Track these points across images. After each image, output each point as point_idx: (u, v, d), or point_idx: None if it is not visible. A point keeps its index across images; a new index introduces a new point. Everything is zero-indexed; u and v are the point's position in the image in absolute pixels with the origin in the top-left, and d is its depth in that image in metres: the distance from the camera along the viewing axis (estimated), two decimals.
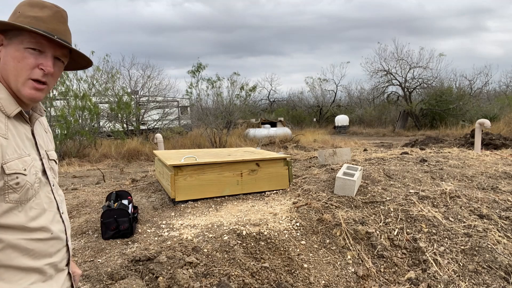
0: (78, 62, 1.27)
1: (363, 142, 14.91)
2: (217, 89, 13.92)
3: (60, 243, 1.18)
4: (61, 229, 1.19)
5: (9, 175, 1.01)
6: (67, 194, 4.82)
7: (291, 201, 3.68)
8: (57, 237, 1.16)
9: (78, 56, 1.22)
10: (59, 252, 1.17)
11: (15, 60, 1.08)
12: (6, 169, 1.01)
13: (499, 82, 35.40)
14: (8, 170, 1.01)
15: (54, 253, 1.15)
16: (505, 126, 14.99)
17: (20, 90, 1.10)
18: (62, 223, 1.20)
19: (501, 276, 2.63)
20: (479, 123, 7.17)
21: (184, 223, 3.26)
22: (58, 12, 1.16)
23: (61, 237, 1.18)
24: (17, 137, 1.08)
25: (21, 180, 1.04)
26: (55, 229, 1.15)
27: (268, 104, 34.94)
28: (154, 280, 2.35)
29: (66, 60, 1.20)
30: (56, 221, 1.17)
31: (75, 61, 1.26)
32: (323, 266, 2.75)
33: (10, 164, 1.02)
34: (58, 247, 1.17)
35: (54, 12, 1.14)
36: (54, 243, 1.15)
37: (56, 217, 1.17)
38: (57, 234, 1.16)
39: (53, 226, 1.15)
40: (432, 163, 4.96)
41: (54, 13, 1.14)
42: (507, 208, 3.48)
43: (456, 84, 25.95)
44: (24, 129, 1.12)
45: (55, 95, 11.55)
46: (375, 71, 25.68)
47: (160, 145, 7.46)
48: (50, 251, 1.13)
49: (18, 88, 1.10)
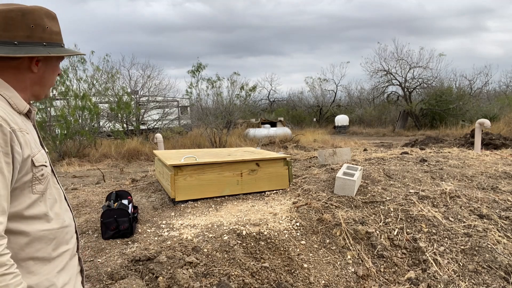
0: None
1: (363, 142, 14.91)
2: (217, 89, 13.92)
3: (72, 230, 1.25)
4: (71, 217, 1.26)
5: (37, 167, 1.08)
6: (67, 194, 4.81)
7: (291, 201, 3.68)
8: (69, 225, 1.22)
9: None
10: (72, 238, 1.24)
11: (55, 72, 1.21)
12: (35, 162, 1.07)
13: (499, 82, 35.40)
14: (37, 163, 1.08)
15: (69, 240, 1.21)
16: (505, 126, 14.99)
17: (47, 93, 1.22)
18: (70, 211, 1.27)
19: (501, 276, 2.63)
20: (479, 123, 7.17)
21: (184, 223, 3.26)
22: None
23: (72, 224, 1.25)
24: (31, 132, 1.14)
25: (45, 171, 1.11)
26: (67, 217, 1.22)
27: (268, 104, 34.93)
28: (154, 280, 2.35)
29: None
30: (65, 209, 1.23)
31: None
32: (323, 266, 2.75)
33: (37, 157, 1.08)
34: (71, 234, 1.24)
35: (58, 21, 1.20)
36: (69, 230, 1.21)
37: (65, 205, 1.24)
38: (69, 221, 1.22)
39: (65, 214, 1.21)
40: (432, 163, 4.96)
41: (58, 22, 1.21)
42: (507, 208, 3.48)
43: (456, 84, 25.96)
44: (30, 124, 1.17)
45: (55, 95, 11.55)
46: (375, 71, 25.68)
47: (160, 145, 7.46)
48: (66, 238, 1.19)
49: (46, 93, 1.22)
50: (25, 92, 1.15)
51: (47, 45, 1.13)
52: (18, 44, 1.08)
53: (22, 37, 1.08)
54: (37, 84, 1.17)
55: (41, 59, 1.14)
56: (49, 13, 1.16)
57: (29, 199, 1.06)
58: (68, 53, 1.19)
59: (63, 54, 1.16)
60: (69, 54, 1.20)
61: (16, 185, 1.03)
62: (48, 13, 1.16)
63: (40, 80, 1.17)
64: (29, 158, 1.05)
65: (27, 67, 1.12)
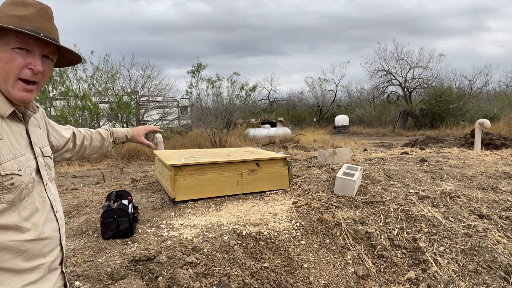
0: (67, 58, 1.25)
1: (363, 142, 14.91)
2: (217, 89, 13.94)
3: (54, 242, 1.17)
4: (55, 228, 1.18)
5: (4, 176, 1.01)
6: (67, 194, 4.82)
7: (291, 201, 3.68)
8: (50, 237, 1.15)
9: (66, 52, 1.20)
10: (52, 251, 1.17)
11: (3, 61, 1.06)
12: (1, 170, 1.01)
13: (499, 82, 35.49)
14: (3, 171, 1.01)
15: (47, 253, 1.14)
16: (505, 126, 14.99)
17: (10, 92, 1.08)
18: (55, 222, 1.19)
19: (501, 276, 2.63)
20: (479, 123, 7.17)
21: (184, 223, 3.26)
22: (43, 9, 1.13)
23: (54, 236, 1.17)
24: (11, 137, 1.07)
25: (16, 180, 1.03)
26: (48, 228, 1.14)
27: (268, 104, 34.94)
28: (154, 280, 2.35)
29: (55, 58, 1.19)
30: (49, 220, 1.15)
31: (64, 58, 1.24)
32: (323, 266, 2.75)
33: (5, 165, 1.02)
34: (52, 247, 1.16)
35: (38, 10, 1.11)
36: (48, 243, 1.14)
37: (50, 215, 1.16)
38: (50, 233, 1.15)
39: (46, 225, 1.14)
40: (432, 163, 4.96)
41: (39, 11, 1.12)
42: (507, 208, 3.48)
43: (456, 84, 25.99)
44: (18, 128, 1.11)
45: (55, 95, 11.56)
46: (375, 71, 25.71)
47: (160, 145, 7.46)
48: (43, 251, 1.12)
49: (8, 90, 1.08)
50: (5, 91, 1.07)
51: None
52: None
53: None
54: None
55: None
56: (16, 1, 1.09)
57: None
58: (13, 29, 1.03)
59: None
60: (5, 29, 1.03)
61: None
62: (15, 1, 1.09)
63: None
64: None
65: None
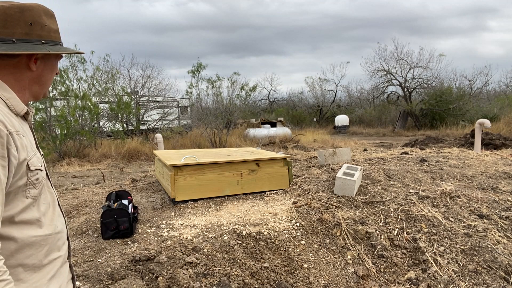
0: None
1: (363, 142, 14.91)
2: (217, 89, 13.92)
3: (64, 236, 1.21)
4: (63, 222, 1.22)
5: (32, 171, 1.04)
6: (67, 194, 4.82)
7: (291, 201, 3.68)
8: (62, 231, 1.19)
9: None
10: (64, 245, 1.21)
11: (52, 71, 1.18)
12: (31, 166, 1.04)
13: (499, 82, 35.40)
14: (32, 167, 1.05)
15: (61, 246, 1.18)
16: (505, 126, 14.99)
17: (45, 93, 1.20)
18: (62, 216, 1.23)
19: (501, 276, 2.63)
20: (479, 123, 7.17)
21: (184, 223, 3.26)
22: None
23: (64, 230, 1.22)
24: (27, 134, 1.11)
25: (40, 176, 1.08)
26: (59, 222, 1.18)
27: (268, 104, 34.91)
28: (154, 280, 2.35)
29: None
30: (58, 214, 1.19)
31: None
32: (323, 266, 2.75)
33: (33, 161, 1.05)
34: (64, 240, 1.20)
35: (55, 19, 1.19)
36: (60, 237, 1.18)
37: (58, 210, 1.20)
38: (61, 227, 1.19)
39: (57, 219, 1.18)
40: (432, 163, 4.96)
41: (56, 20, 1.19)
42: (507, 208, 3.48)
43: (456, 84, 25.95)
44: (26, 127, 1.14)
45: (55, 95, 11.55)
46: (375, 71, 25.67)
47: (160, 145, 7.46)
48: (58, 244, 1.16)
49: (44, 93, 1.19)
50: (23, 93, 1.12)
51: (46, 43, 1.11)
52: (17, 41, 1.05)
53: (20, 34, 1.06)
54: (36, 83, 1.14)
55: (40, 57, 1.11)
56: (47, 10, 1.14)
57: (22, 203, 1.03)
58: (67, 51, 1.17)
59: (62, 52, 1.14)
60: (68, 52, 1.18)
61: (10, 189, 0.99)
62: (46, 11, 1.14)
63: (39, 79, 1.14)
64: (25, 161, 1.02)
65: (26, 65, 1.09)
